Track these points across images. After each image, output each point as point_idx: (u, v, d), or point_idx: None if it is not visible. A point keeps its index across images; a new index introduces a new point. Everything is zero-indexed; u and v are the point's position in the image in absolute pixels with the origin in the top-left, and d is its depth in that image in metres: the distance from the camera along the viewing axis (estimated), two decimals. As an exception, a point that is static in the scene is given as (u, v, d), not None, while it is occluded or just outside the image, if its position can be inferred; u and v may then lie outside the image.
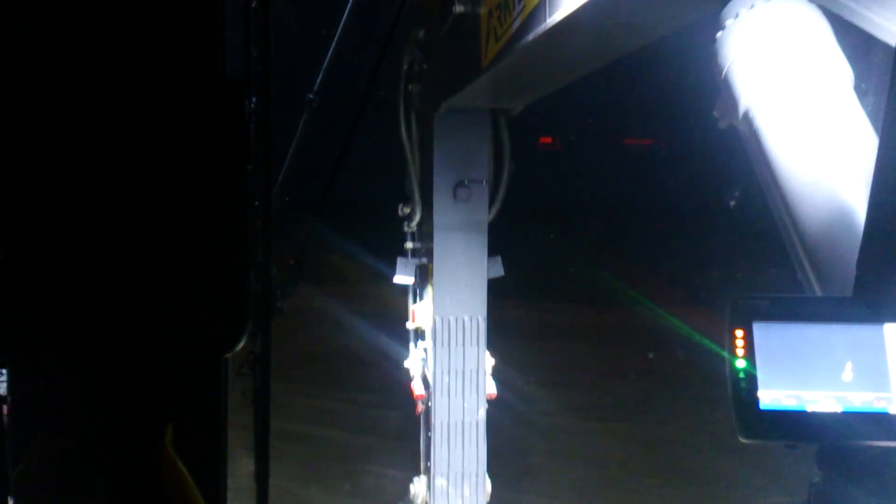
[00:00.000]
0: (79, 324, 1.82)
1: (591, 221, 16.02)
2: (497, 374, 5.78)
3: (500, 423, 5.78)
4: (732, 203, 14.95)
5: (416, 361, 5.81)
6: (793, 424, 1.96)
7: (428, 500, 5.69)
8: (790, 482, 6.19)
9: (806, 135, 3.16)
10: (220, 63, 1.87)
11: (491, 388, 5.64)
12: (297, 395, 9.20)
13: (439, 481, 5.56)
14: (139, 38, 1.75)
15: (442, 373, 5.47)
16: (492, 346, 5.78)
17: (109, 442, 1.85)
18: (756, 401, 1.97)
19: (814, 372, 1.98)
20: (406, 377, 5.78)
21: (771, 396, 1.97)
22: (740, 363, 1.99)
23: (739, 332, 2.00)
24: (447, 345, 5.47)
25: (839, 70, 3.28)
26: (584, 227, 15.69)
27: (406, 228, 5.80)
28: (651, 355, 9.94)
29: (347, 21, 5.84)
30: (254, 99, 3.15)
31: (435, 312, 5.49)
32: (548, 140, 21.61)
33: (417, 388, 5.68)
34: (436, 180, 5.29)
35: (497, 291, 5.96)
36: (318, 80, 5.82)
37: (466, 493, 5.60)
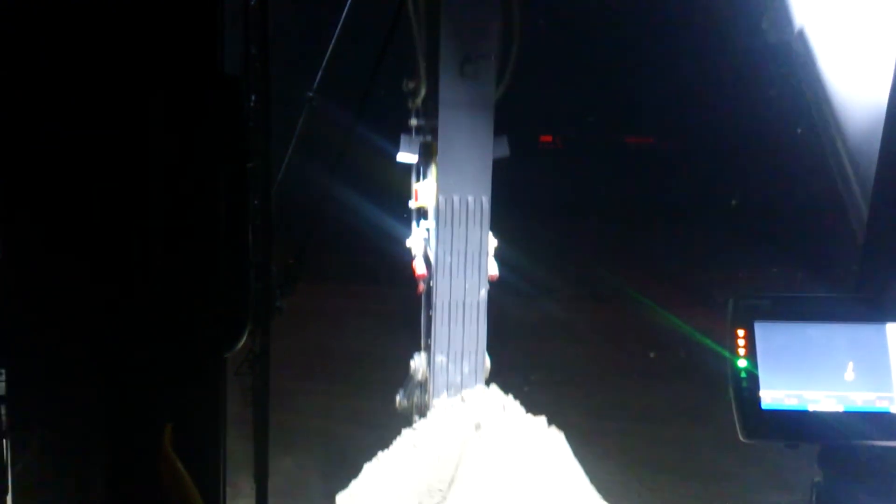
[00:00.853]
0: (78, 324, 1.81)
1: (591, 220, 16.04)
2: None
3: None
4: (733, 203, 14.97)
5: (418, 241, 5.76)
6: (794, 424, 1.96)
7: (428, 375, 5.70)
8: (790, 481, 6.20)
9: (867, 57, 3.02)
10: (220, 61, 1.86)
11: (493, 270, 5.61)
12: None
13: (439, 358, 5.57)
14: (139, 36, 1.75)
15: (444, 253, 5.43)
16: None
17: (109, 442, 1.85)
18: (758, 400, 1.96)
19: (815, 371, 1.98)
20: (408, 256, 5.75)
21: (772, 396, 1.97)
22: (742, 363, 1.98)
23: (741, 332, 2.00)
24: (450, 225, 5.40)
25: None
26: (584, 226, 15.71)
27: (410, 105, 5.65)
28: (652, 354, 9.93)
29: (347, 20, 5.82)
30: (253, 97, 3.14)
31: (438, 191, 5.41)
32: (548, 138, 21.63)
33: (419, 268, 5.64)
34: (442, 55, 5.12)
35: (496, 289, 5.96)
36: (318, 78, 5.80)
37: (466, 369, 5.62)
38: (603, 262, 13.56)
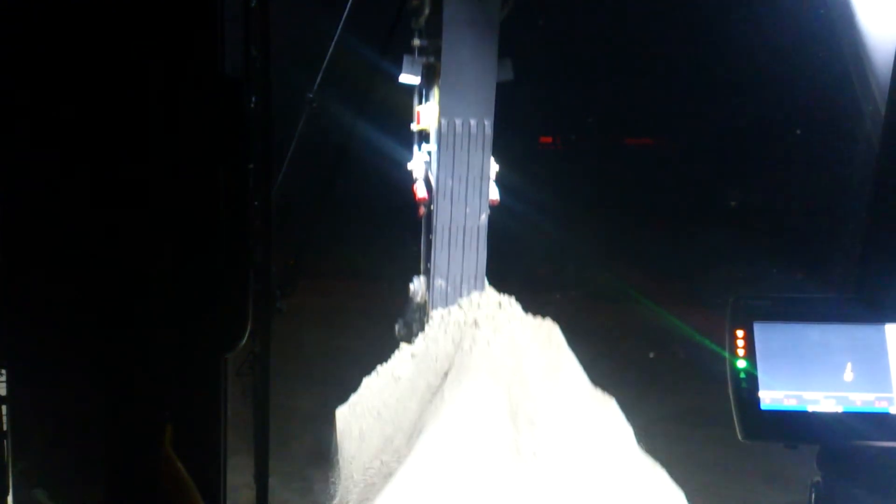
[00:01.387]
0: (78, 324, 1.81)
1: (592, 221, 16.04)
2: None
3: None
4: (733, 203, 14.96)
5: (419, 164, 5.70)
6: (793, 425, 1.96)
7: (427, 298, 5.67)
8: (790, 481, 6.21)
9: None
10: (220, 62, 1.86)
11: (494, 194, 5.56)
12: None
13: (438, 282, 5.54)
14: (139, 36, 1.75)
15: (445, 177, 5.37)
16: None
17: (109, 442, 1.85)
18: (757, 401, 1.97)
19: (814, 372, 1.98)
20: (409, 179, 5.70)
21: (772, 397, 1.97)
22: (741, 363, 1.98)
23: (740, 333, 2.00)
24: (452, 149, 5.32)
25: None
26: (583, 227, 15.71)
27: (413, 24, 5.54)
28: (651, 354, 9.93)
29: (347, 21, 5.82)
30: (254, 99, 3.15)
31: (441, 114, 5.33)
32: (548, 139, 21.59)
33: (420, 191, 5.59)
34: None
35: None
36: (318, 80, 5.79)
37: (464, 293, 5.58)
38: (603, 263, 13.55)
